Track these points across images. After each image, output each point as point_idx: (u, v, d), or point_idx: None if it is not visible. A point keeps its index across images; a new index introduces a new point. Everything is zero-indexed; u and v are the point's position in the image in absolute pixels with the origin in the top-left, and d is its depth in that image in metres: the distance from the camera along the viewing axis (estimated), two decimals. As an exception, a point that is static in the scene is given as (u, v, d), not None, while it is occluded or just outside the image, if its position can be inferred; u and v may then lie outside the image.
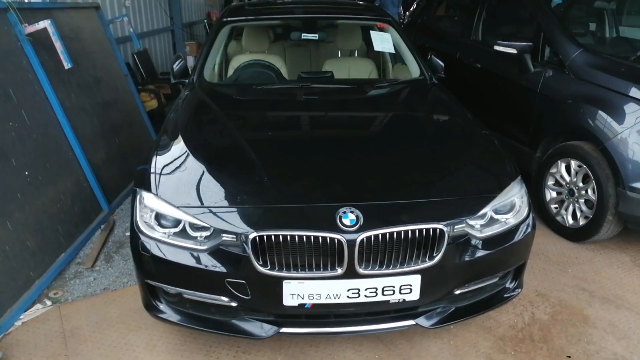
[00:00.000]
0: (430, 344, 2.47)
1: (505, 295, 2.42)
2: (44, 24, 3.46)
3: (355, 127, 2.99)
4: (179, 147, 2.49)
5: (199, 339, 2.48)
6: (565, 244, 3.42)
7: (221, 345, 2.44)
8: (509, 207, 2.29)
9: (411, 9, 7.19)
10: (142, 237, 2.14)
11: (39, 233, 2.98)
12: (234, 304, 2.12)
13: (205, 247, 2.07)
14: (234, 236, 2.03)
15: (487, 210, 2.20)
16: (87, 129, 3.84)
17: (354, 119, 3.11)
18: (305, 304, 2.06)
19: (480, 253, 2.17)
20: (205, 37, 10.11)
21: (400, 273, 2.04)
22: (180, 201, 2.14)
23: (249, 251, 2.00)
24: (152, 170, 2.31)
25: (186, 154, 2.42)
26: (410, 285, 2.07)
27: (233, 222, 2.06)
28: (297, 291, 2.03)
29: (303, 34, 3.89)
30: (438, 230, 2.05)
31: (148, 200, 2.19)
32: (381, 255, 2.03)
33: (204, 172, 2.30)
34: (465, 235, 2.14)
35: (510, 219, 2.27)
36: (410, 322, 2.22)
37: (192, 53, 8.66)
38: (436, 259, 2.05)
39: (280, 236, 1.99)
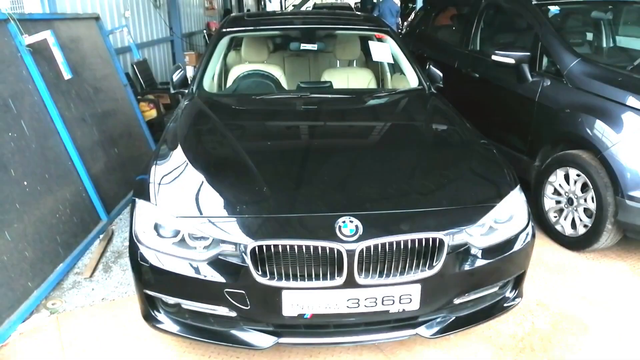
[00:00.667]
0: (431, 354, 2.46)
1: (506, 305, 2.41)
2: (44, 34, 3.48)
3: (354, 137, 3.00)
4: (178, 157, 2.49)
5: (197, 350, 2.47)
6: (565, 253, 3.41)
7: (220, 356, 2.43)
8: (509, 216, 2.29)
9: (409, 19, 7.25)
10: (141, 247, 2.14)
11: (37, 243, 2.97)
12: (233, 314, 2.11)
13: (204, 257, 2.06)
14: (233, 246, 2.03)
15: (487, 219, 2.20)
16: (87, 139, 3.85)
17: (352, 128, 3.12)
18: (304, 314, 2.05)
19: (479, 262, 2.17)
20: (204, 47, 10.17)
21: (399, 283, 2.04)
22: (179, 211, 2.14)
23: (248, 261, 1.99)
24: (151, 180, 2.31)
25: (185, 163, 2.42)
26: (410, 295, 2.07)
27: (232, 232, 2.06)
28: (297, 301, 2.03)
29: (302, 45, 3.91)
30: (438, 239, 2.05)
31: (147, 210, 2.19)
32: (381, 264, 2.03)
33: (203, 182, 2.30)
34: (464, 245, 2.14)
35: (510, 228, 2.27)
36: (411, 331, 2.21)
37: (192, 63, 8.70)
38: (436, 269, 2.05)
39: (280, 246, 1.98)
